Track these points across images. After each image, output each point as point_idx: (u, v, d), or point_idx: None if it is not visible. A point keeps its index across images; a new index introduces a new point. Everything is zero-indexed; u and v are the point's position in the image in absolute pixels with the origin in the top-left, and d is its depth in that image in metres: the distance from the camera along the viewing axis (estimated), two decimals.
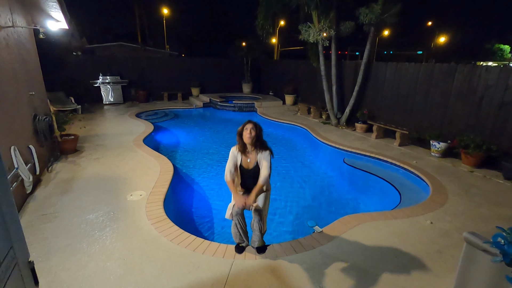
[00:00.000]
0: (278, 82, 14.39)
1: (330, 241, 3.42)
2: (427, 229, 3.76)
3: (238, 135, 3.02)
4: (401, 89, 8.06)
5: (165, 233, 3.47)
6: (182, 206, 4.92)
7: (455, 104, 6.72)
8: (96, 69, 12.86)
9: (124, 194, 4.46)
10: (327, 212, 4.90)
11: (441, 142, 6.55)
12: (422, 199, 4.83)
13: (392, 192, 5.39)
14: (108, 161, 5.84)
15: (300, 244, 3.34)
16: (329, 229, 3.67)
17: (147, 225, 3.64)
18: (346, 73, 9.92)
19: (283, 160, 7.18)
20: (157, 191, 4.50)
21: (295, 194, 5.43)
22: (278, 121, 10.53)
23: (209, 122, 11.35)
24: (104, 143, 7.04)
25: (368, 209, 4.95)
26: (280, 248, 3.26)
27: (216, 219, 4.57)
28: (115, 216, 3.85)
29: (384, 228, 3.74)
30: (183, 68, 14.92)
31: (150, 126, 8.73)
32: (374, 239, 3.51)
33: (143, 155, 6.22)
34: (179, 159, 7.10)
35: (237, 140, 3.04)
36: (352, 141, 7.92)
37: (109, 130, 8.40)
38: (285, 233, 4.29)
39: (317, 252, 3.21)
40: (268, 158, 2.97)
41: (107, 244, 3.29)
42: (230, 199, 3.12)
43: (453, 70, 6.71)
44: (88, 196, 4.38)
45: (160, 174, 5.17)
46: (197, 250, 3.17)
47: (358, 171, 6.33)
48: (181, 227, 3.60)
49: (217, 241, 3.43)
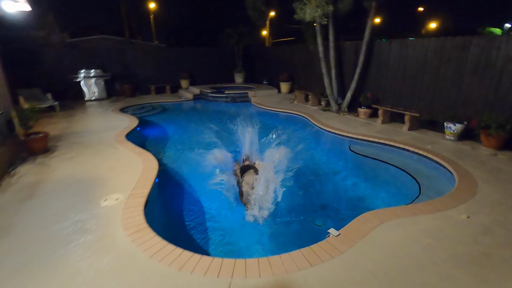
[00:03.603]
0: (272, 70, 13.61)
1: (351, 247, 2.75)
2: (463, 225, 3.12)
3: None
4: (408, 68, 7.38)
5: (145, 247, 2.76)
6: (169, 211, 4.21)
7: (471, 81, 6.06)
8: (76, 63, 11.90)
9: (98, 198, 3.73)
10: (339, 209, 4.24)
11: (457, 124, 5.91)
12: (447, 188, 4.19)
13: (409, 181, 4.75)
14: (84, 160, 5.08)
15: (315, 253, 2.67)
16: (347, 231, 3.01)
17: (122, 237, 2.93)
18: (346, 55, 9.19)
19: (282, 151, 6.45)
20: (137, 194, 3.77)
21: (300, 189, 4.73)
22: (274, 111, 9.81)
23: (200, 115, 10.59)
24: (81, 140, 6.26)
25: (385, 203, 4.29)
26: (289, 259, 2.58)
27: (210, 225, 3.87)
28: (84, 227, 3.13)
29: (412, 226, 3.08)
30: (171, 59, 14.01)
31: (134, 121, 7.94)
32: (403, 241, 2.85)
33: (124, 152, 5.47)
34: (167, 155, 6.34)
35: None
36: (356, 127, 7.25)
37: (88, 126, 7.59)
38: (293, 238, 3.61)
39: (337, 263, 2.54)
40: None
41: (70, 264, 2.57)
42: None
43: (468, 43, 6.03)
44: (54, 203, 3.64)
45: (142, 172, 4.44)
46: (184, 268, 2.48)
47: (368, 159, 5.68)
48: (166, 238, 2.90)
49: (210, 255, 2.74)
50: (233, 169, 5.10)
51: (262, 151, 5.35)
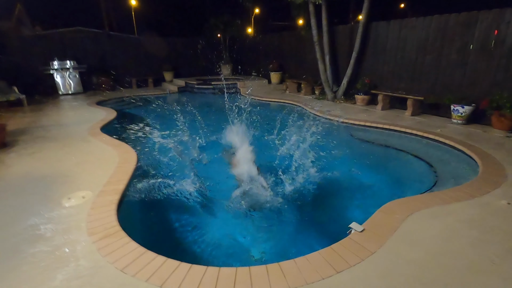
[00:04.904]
0: (261, 60, 12.95)
1: (382, 245, 2.18)
2: (507, 212, 2.61)
3: None
4: (407, 50, 6.93)
5: (115, 256, 2.09)
6: (151, 209, 3.51)
7: (477, 60, 5.65)
8: (48, 54, 10.87)
9: (60, 198, 3.00)
10: (351, 199, 3.68)
11: (466, 106, 5.49)
12: (468, 173, 3.73)
13: (423, 167, 4.27)
14: (48, 156, 4.30)
15: (338, 254, 2.08)
16: (372, 224, 2.43)
17: (85, 245, 2.24)
18: (340, 40, 8.67)
19: (279, 143, 5.82)
20: (109, 190, 3.07)
21: (307, 181, 4.10)
22: (266, 101, 9.20)
23: (186, 107, 9.79)
24: (48, 134, 5.43)
25: (401, 191, 3.75)
26: (307, 265, 1.98)
27: (203, 225, 3.22)
28: (37, 233, 2.42)
29: (447, 217, 2.55)
30: (153, 50, 13.09)
31: (112, 113, 7.12)
32: (443, 235, 2.31)
33: (97, 145, 4.72)
34: (150, 148, 5.59)
35: None
36: (356, 113, 6.75)
37: (58, 120, 6.73)
38: (304, 236, 3.00)
39: (369, 267, 1.96)
40: None
41: (10, 286, 1.87)
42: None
43: (474, 19, 5.61)
44: (2, 206, 2.89)
45: (117, 166, 3.73)
46: (169, 284, 1.83)
47: (373, 146, 5.17)
48: (145, 244, 2.24)
49: (203, 262, 2.10)
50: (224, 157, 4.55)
51: (256, 143, 4.73)
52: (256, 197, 3.31)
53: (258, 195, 3.32)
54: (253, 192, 3.35)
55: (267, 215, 3.19)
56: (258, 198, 3.31)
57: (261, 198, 3.31)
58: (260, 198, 3.30)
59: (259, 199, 3.30)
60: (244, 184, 3.50)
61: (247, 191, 3.33)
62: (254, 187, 3.38)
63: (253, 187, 3.38)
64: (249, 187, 3.38)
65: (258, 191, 3.35)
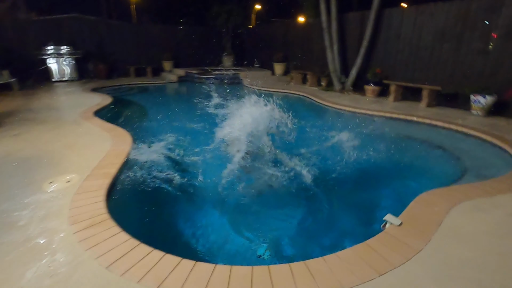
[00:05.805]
0: (264, 51, 12.49)
1: (428, 242, 1.79)
2: None
3: None
4: (423, 38, 6.52)
5: (100, 250, 1.68)
6: (149, 197, 3.09)
7: (502, 47, 5.26)
8: (42, 39, 10.37)
9: (42, 181, 2.60)
10: (374, 192, 3.29)
11: (488, 96, 5.10)
12: (501, 164, 3.35)
13: (447, 159, 3.88)
14: (33, 137, 3.88)
15: (376, 251, 1.69)
16: (409, 217, 2.05)
17: (65, 235, 1.84)
18: (350, 28, 8.23)
19: (289, 135, 5.31)
20: (99, 174, 2.66)
21: (324, 175, 3.65)
22: (270, 91, 8.76)
23: (185, 97, 9.41)
24: (36, 117, 5.00)
25: (432, 181, 3.33)
26: (340, 264, 1.58)
27: (206, 215, 2.82)
28: (8, 220, 2.01)
29: (495, 210, 2.17)
30: (153, 38, 12.62)
31: (107, 99, 6.67)
32: (496, 231, 1.92)
33: (90, 128, 4.30)
34: (148, 133, 5.17)
35: None
36: (368, 104, 6.36)
37: (50, 104, 6.29)
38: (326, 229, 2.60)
39: (416, 268, 1.57)
40: None
41: None
42: None
43: (499, 4, 5.22)
44: None
45: (110, 149, 3.32)
46: (166, 285, 1.43)
47: (390, 137, 4.77)
48: (140, 236, 1.84)
49: (209, 259, 1.71)
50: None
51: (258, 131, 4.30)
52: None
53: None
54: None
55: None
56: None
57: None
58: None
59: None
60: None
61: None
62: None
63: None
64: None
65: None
